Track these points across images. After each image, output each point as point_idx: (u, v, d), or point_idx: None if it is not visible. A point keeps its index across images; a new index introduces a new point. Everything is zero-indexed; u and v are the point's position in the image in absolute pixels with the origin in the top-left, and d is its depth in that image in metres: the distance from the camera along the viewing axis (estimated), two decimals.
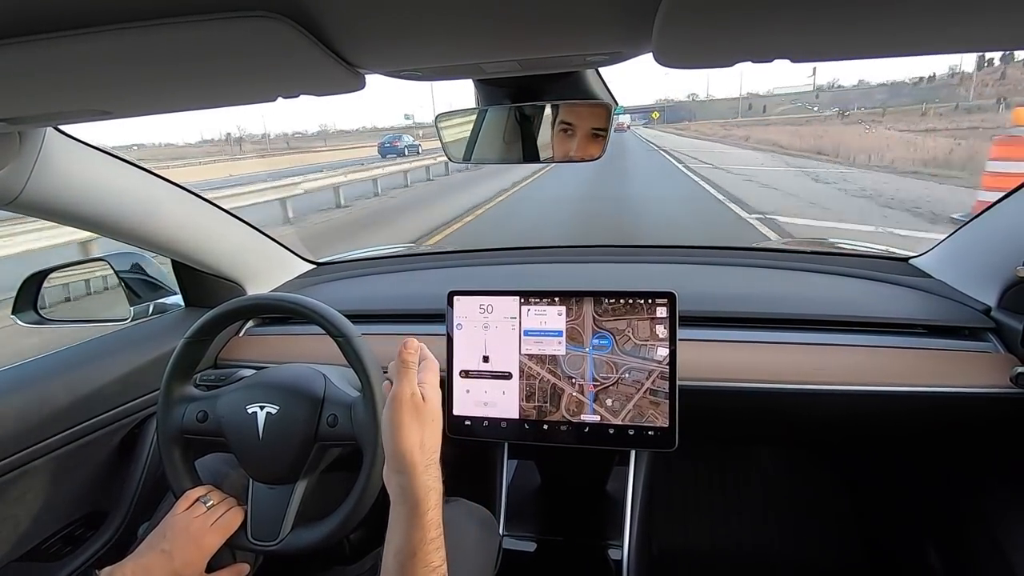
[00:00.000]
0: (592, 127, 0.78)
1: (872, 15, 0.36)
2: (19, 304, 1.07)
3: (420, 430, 0.59)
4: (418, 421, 0.59)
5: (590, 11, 0.39)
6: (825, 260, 1.22)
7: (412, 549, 0.55)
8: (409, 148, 23.50)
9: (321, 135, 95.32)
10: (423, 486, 0.57)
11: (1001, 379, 0.87)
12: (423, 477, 0.58)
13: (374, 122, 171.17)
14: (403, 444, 0.58)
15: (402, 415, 0.59)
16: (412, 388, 0.61)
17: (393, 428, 0.58)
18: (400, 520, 0.57)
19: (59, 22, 0.36)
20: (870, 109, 58.27)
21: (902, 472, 1.28)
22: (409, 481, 0.57)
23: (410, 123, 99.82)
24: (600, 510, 1.01)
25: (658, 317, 0.84)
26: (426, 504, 0.57)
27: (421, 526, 0.56)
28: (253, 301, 0.88)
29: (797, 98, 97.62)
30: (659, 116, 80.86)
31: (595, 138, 0.78)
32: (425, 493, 0.57)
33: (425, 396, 0.61)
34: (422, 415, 0.60)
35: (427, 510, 0.57)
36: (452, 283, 0.92)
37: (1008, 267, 0.90)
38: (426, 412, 0.60)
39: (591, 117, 0.78)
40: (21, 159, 0.72)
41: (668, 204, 8.24)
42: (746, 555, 1.42)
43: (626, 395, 0.85)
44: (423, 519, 0.56)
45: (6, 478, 0.82)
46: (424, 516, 0.56)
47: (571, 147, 0.80)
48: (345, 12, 0.38)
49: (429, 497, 0.57)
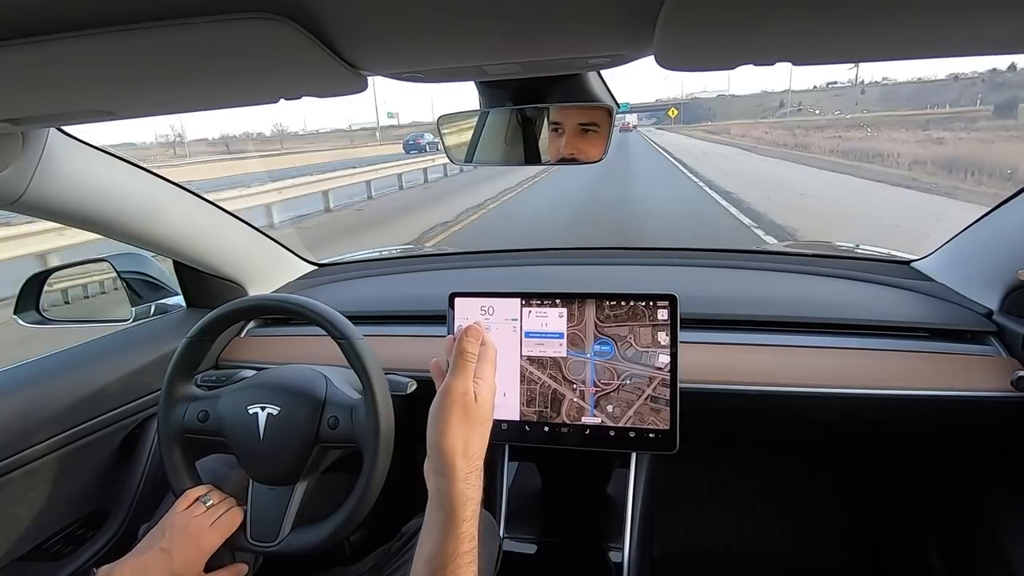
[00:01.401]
0: (579, 123, 0.78)
1: (873, 18, 0.36)
2: (21, 304, 1.07)
3: (466, 432, 0.55)
4: (466, 422, 0.55)
5: (592, 14, 0.40)
6: (826, 263, 1.22)
7: (444, 560, 0.51)
8: (430, 145, 23.56)
9: (277, 136, 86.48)
10: (461, 494, 0.53)
11: (1003, 383, 0.87)
12: (462, 484, 0.53)
13: (327, 124, 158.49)
14: (445, 443, 0.54)
15: (451, 413, 0.54)
16: (466, 384, 0.56)
17: (438, 425, 0.54)
18: (435, 526, 0.53)
19: (62, 23, 0.36)
20: (959, 109, 44.26)
21: (903, 475, 1.27)
22: (447, 485, 0.53)
23: (394, 122, 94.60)
24: (601, 512, 1.01)
25: (660, 324, 0.84)
26: (462, 514, 0.53)
27: (455, 537, 0.52)
28: (254, 302, 0.89)
29: (841, 92, 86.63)
30: (677, 114, 67.70)
31: (592, 139, 0.78)
32: (463, 502, 0.53)
33: (478, 395, 0.56)
34: (471, 416, 0.55)
35: (463, 520, 0.53)
36: (453, 284, 0.92)
37: (1010, 271, 0.90)
38: (476, 413, 0.56)
39: (578, 114, 0.78)
40: (24, 159, 0.72)
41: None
42: (747, 557, 1.42)
43: (627, 401, 0.84)
44: (458, 529, 0.52)
45: (8, 477, 0.82)
46: (459, 527, 0.52)
47: (560, 145, 0.80)
48: (347, 14, 0.38)
49: (466, 507, 0.53)
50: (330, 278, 1.38)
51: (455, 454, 0.54)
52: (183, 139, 69.79)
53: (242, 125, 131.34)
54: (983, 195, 8.40)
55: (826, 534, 1.42)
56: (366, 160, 16.32)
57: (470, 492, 0.54)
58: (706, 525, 1.46)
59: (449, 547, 0.52)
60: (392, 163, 13.79)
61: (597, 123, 0.77)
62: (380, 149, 33.03)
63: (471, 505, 0.54)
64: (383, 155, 23.49)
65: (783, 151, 20.21)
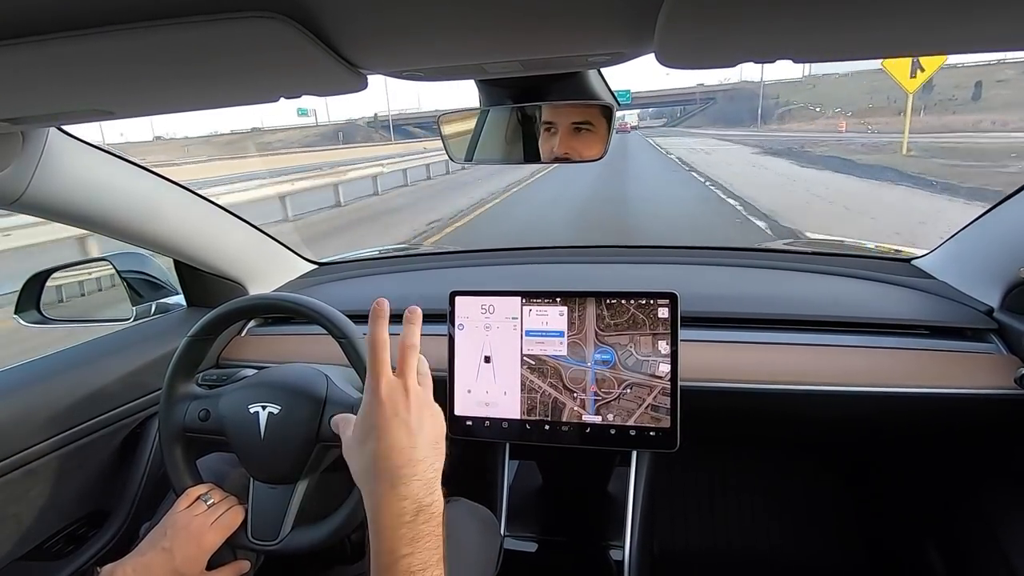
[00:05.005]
0: (572, 122, 0.78)
1: (874, 14, 0.36)
2: (22, 304, 1.07)
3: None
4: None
5: (592, 11, 0.39)
6: (827, 261, 1.22)
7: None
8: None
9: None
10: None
11: (1004, 380, 0.87)
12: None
13: (216, 127, 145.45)
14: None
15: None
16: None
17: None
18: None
19: (62, 23, 0.36)
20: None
21: (904, 473, 1.27)
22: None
23: (311, 121, 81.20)
24: (601, 511, 1.01)
25: (660, 333, 0.84)
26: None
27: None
28: (255, 301, 0.89)
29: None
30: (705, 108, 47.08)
31: (587, 138, 0.78)
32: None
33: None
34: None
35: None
36: (453, 283, 0.92)
37: (1011, 268, 0.90)
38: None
39: (571, 112, 0.77)
40: (24, 159, 0.72)
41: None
42: (747, 555, 1.42)
43: (627, 410, 0.84)
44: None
45: (9, 477, 0.83)
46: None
47: (554, 144, 0.80)
48: (346, 12, 0.38)
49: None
50: (330, 277, 1.38)
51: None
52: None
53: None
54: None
55: (827, 532, 1.42)
56: (361, 160, 16.78)
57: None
58: (707, 523, 1.46)
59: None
60: (375, 162, 13.88)
61: (591, 121, 0.77)
62: (380, 149, 33.42)
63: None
64: (379, 155, 23.55)
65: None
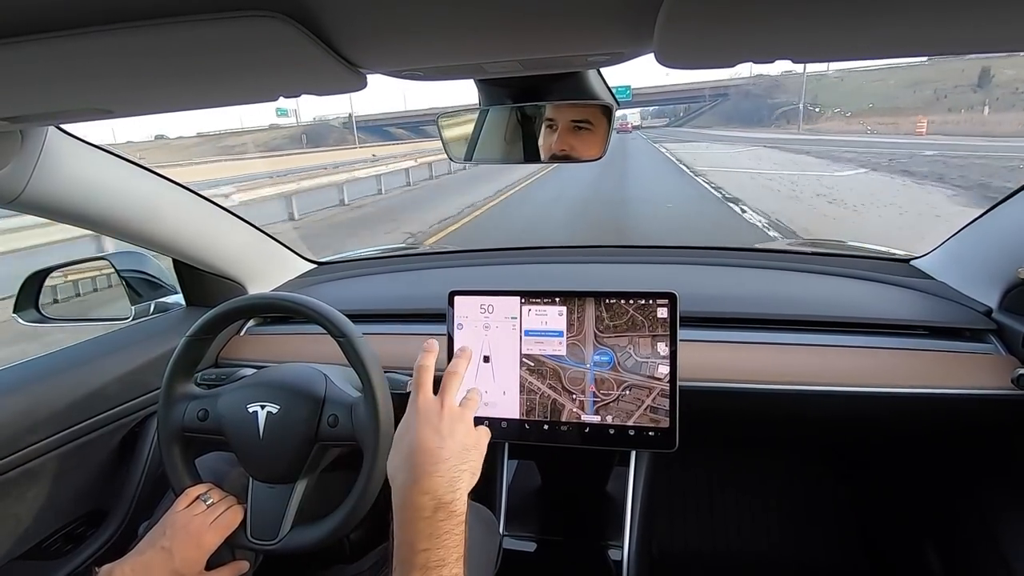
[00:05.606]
0: (572, 120, 0.78)
1: (874, 14, 0.36)
2: (20, 303, 1.07)
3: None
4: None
5: (591, 11, 0.39)
6: (826, 261, 1.22)
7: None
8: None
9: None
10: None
11: (1002, 381, 0.87)
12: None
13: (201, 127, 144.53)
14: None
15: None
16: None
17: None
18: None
19: (61, 21, 0.36)
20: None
21: (902, 473, 1.28)
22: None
23: (291, 121, 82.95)
24: (600, 510, 1.01)
25: (659, 335, 0.83)
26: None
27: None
28: (254, 300, 0.89)
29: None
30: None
31: (586, 137, 0.78)
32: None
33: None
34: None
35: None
36: (453, 283, 0.92)
37: (1009, 268, 0.90)
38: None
39: (572, 111, 0.78)
40: (23, 158, 0.72)
41: None
42: (746, 555, 1.42)
43: (626, 412, 0.84)
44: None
45: (7, 476, 0.82)
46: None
47: (553, 141, 0.80)
48: (346, 12, 0.38)
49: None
50: (329, 276, 1.37)
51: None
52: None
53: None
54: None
55: (826, 532, 1.43)
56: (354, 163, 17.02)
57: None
58: (706, 523, 1.46)
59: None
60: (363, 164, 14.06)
61: (591, 120, 0.77)
62: (346, 154, 33.52)
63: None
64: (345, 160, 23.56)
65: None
